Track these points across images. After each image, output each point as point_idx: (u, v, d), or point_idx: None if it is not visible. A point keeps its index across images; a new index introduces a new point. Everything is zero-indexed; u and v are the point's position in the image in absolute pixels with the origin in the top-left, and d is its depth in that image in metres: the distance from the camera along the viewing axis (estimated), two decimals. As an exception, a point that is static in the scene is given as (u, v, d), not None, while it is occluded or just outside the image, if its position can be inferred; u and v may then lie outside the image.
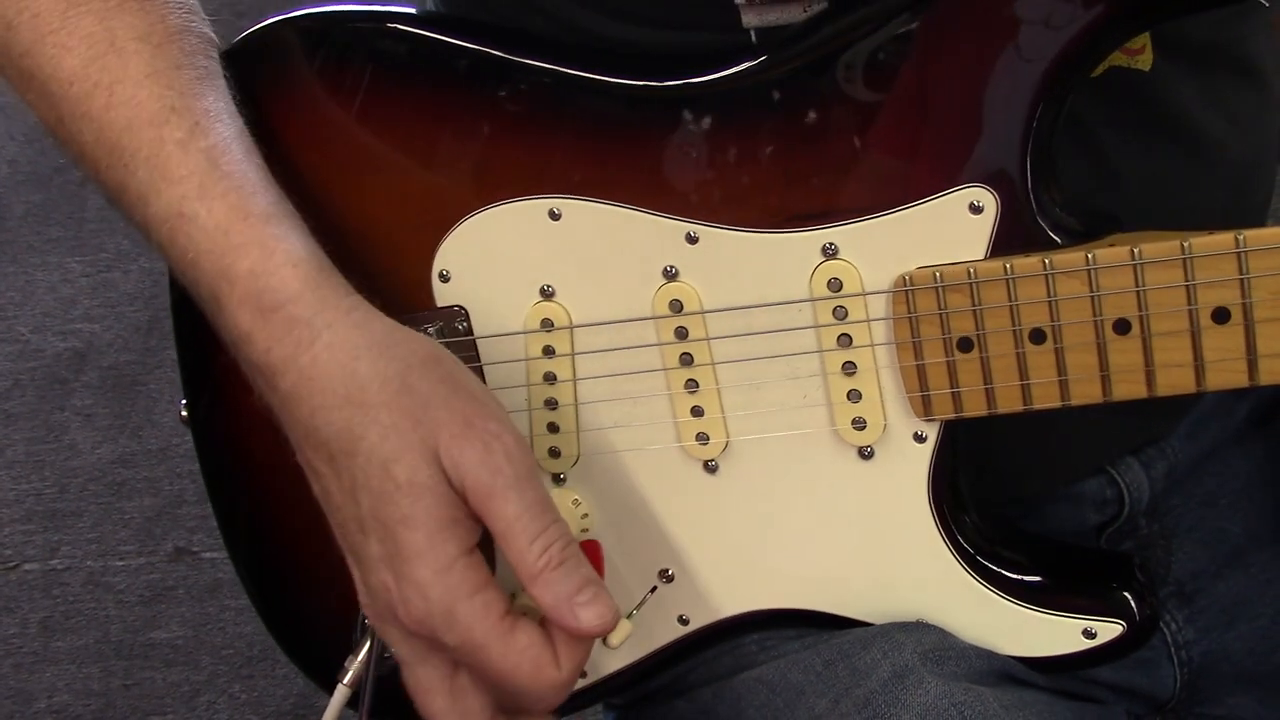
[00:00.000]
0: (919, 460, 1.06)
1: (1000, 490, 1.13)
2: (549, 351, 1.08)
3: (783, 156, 1.02)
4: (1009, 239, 1.00)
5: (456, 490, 0.94)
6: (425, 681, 0.98)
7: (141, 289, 3.16)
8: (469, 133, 1.07)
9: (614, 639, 1.07)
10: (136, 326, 3.08)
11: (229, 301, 0.97)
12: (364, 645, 1.08)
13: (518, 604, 0.97)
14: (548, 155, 1.05)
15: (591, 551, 1.06)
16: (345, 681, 1.09)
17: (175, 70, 1.01)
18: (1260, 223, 1.16)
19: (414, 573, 0.94)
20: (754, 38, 1.04)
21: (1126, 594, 1.07)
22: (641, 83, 1.04)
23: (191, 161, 0.98)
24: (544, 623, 0.96)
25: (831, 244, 1.02)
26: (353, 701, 1.09)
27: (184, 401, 1.20)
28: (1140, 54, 1.06)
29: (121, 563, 2.68)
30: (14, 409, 2.97)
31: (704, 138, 1.03)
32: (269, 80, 1.07)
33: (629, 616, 1.10)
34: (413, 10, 1.11)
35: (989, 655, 1.08)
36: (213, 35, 1.06)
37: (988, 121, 0.99)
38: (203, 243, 0.97)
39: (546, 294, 1.07)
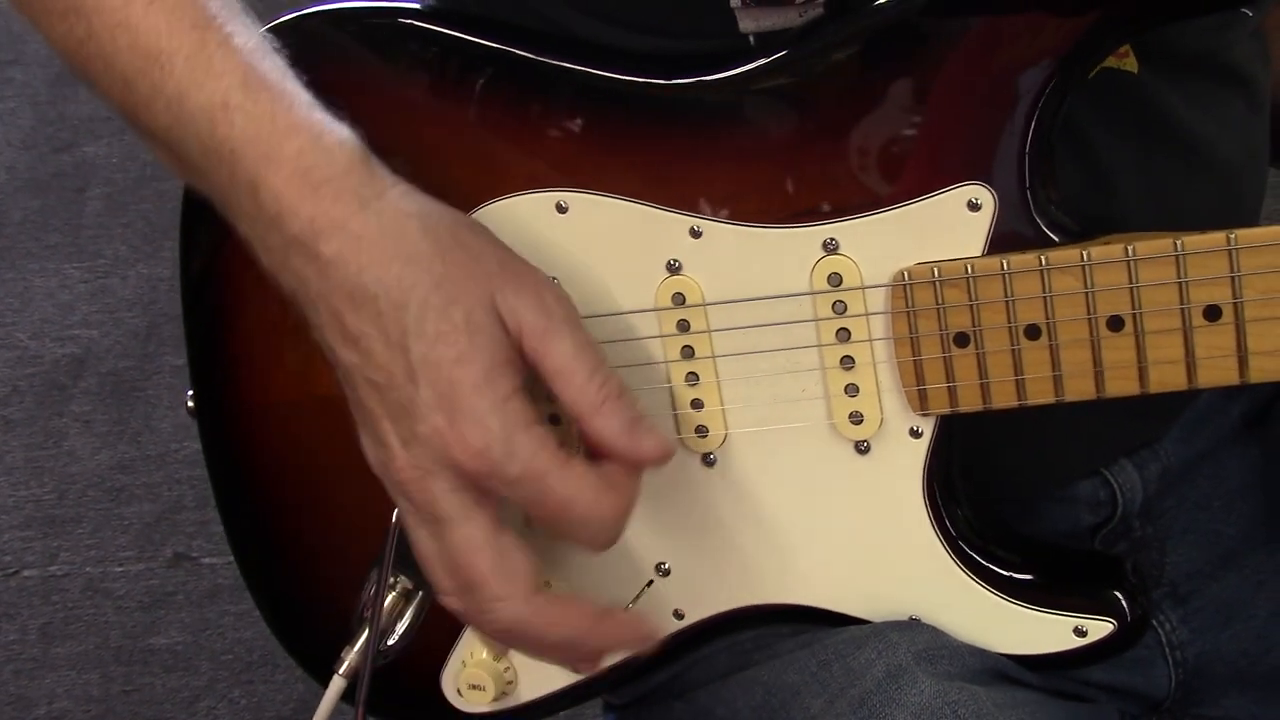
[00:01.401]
0: (915, 455, 1.07)
1: (995, 491, 1.13)
2: (553, 343, 1.09)
3: (785, 154, 1.03)
4: (1006, 236, 1.01)
5: (511, 334, 0.96)
6: (469, 538, 0.97)
7: (140, 295, 3.15)
8: (477, 128, 1.08)
9: None
10: (135, 332, 3.08)
11: (271, 182, 0.97)
12: (361, 635, 1.09)
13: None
14: (555, 150, 1.07)
15: None
16: (341, 672, 1.09)
17: None
18: (1252, 224, 1.17)
19: (473, 406, 0.94)
20: (753, 42, 1.05)
21: (1118, 593, 1.08)
22: (649, 80, 1.05)
23: (234, 58, 0.99)
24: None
25: (832, 239, 1.03)
26: (349, 694, 1.10)
27: (190, 393, 1.21)
28: (1126, 57, 1.08)
29: (121, 568, 2.67)
30: (12, 415, 2.97)
31: (709, 135, 1.04)
32: None
33: (627, 607, 1.11)
34: (423, 6, 1.12)
35: (982, 654, 1.09)
36: None
37: (986, 121, 1.00)
38: (248, 129, 0.97)
39: (552, 286, 1.08)
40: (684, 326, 1.07)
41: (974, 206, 1.01)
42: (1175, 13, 1.02)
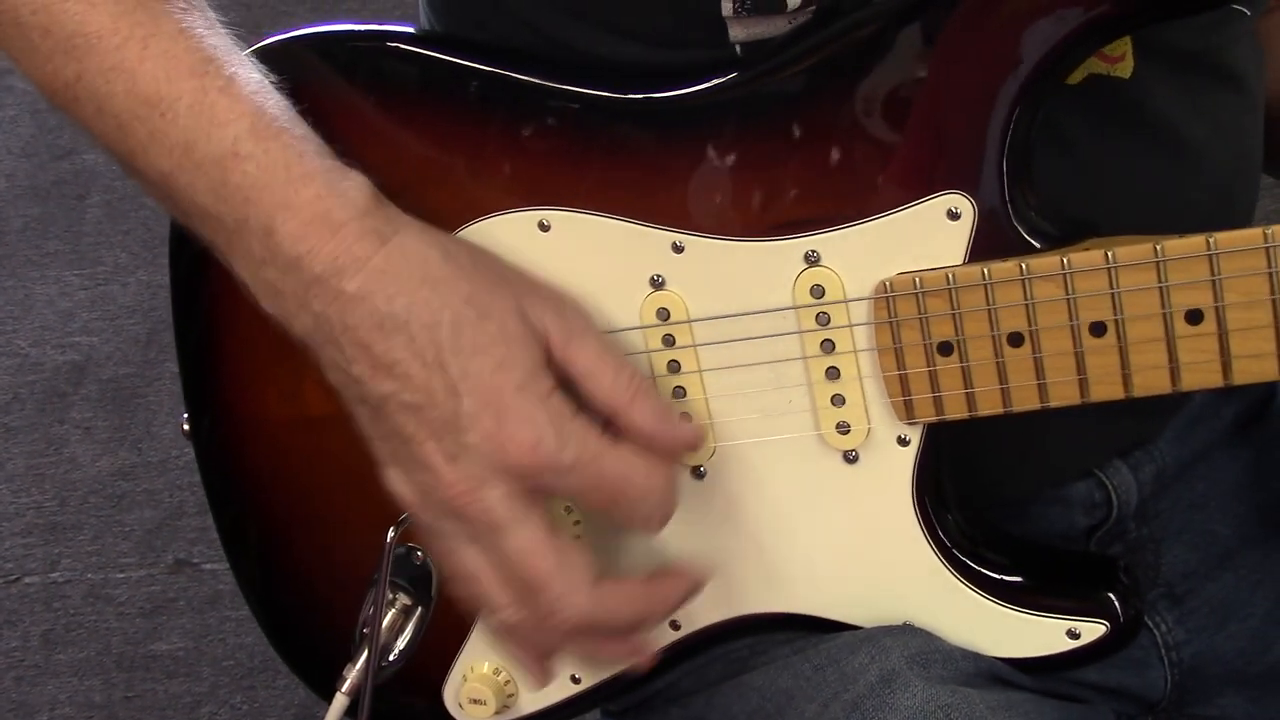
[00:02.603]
0: (903, 463, 1.07)
1: (988, 493, 1.13)
2: (539, 361, 1.09)
3: (765, 166, 1.04)
4: (987, 244, 1.01)
5: (541, 339, 0.99)
6: (529, 543, 0.98)
7: (140, 302, 3.15)
8: (460, 148, 1.08)
9: None
10: (135, 339, 3.08)
11: (289, 224, 0.98)
12: (363, 653, 1.09)
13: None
14: (537, 168, 1.07)
15: None
16: (344, 690, 1.10)
17: (206, 30, 1.02)
18: (1245, 227, 1.17)
19: (519, 405, 0.97)
20: (739, 51, 1.06)
21: (1110, 594, 1.08)
22: (626, 96, 1.05)
23: (240, 105, 0.99)
24: None
25: (814, 251, 1.03)
26: (351, 710, 1.11)
27: (185, 415, 1.21)
28: (1120, 62, 1.07)
29: (122, 575, 2.67)
30: (13, 423, 2.97)
31: (688, 149, 1.04)
32: None
33: None
34: (410, 29, 1.12)
35: (975, 657, 1.09)
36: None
37: (964, 129, 1.01)
38: (260, 178, 0.98)
39: (536, 304, 1.08)
40: (669, 341, 1.07)
41: (954, 215, 1.01)
42: (1154, 14, 1.02)
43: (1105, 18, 0.99)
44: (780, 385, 1.06)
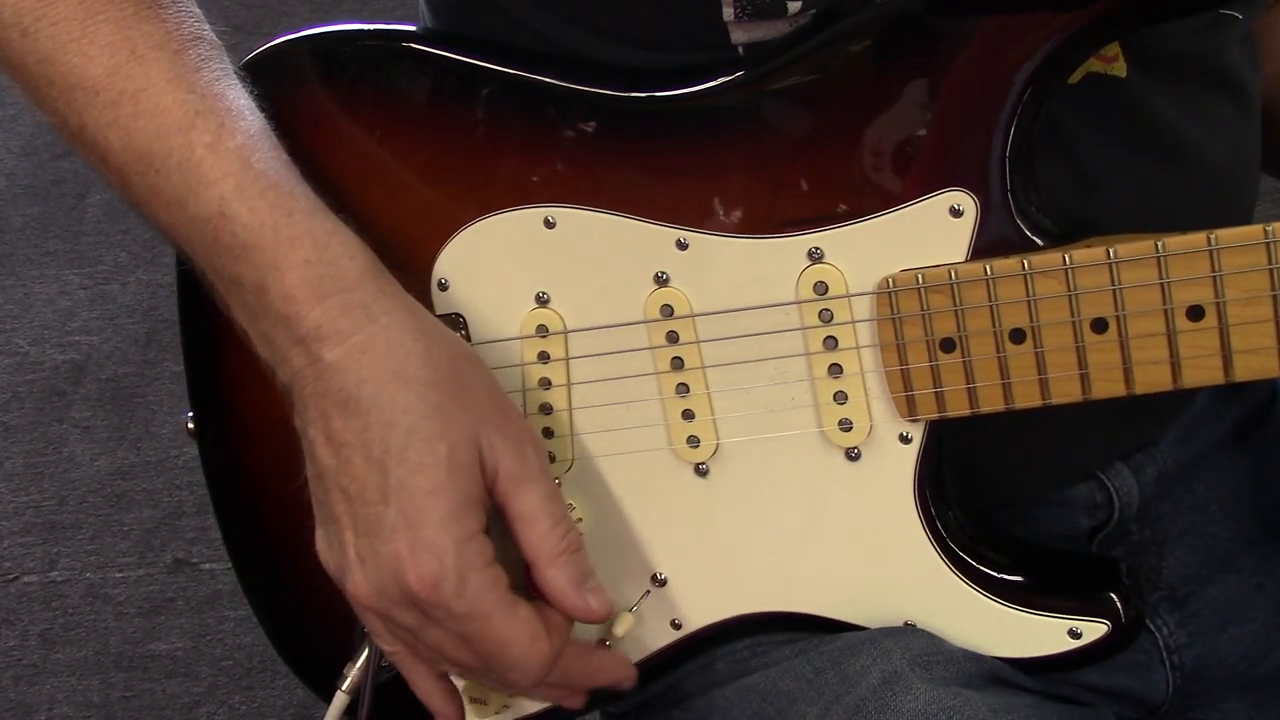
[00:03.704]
0: (905, 461, 1.07)
1: (990, 495, 1.14)
2: (544, 357, 1.10)
3: (769, 164, 1.04)
4: (989, 241, 1.02)
5: (487, 476, 0.99)
6: (443, 641, 1.01)
7: (140, 301, 3.15)
8: (466, 145, 1.09)
9: (618, 630, 1.10)
10: (135, 339, 3.08)
11: (279, 284, 0.99)
12: (362, 652, 1.09)
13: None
14: (542, 165, 1.07)
15: None
16: (343, 688, 1.10)
17: (195, 74, 1.03)
18: (1240, 227, 1.18)
19: (433, 538, 0.97)
20: (741, 53, 1.06)
21: (1112, 594, 1.08)
22: (632, 95, 1.06)
23: (224, 164, 1.00)
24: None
25: (817, 248, 1.04)
26: (351, 709, 1.11)
27: (189, 414, 1.21)
28: (1115, 61, 1.08)
29: (121, 574, 2.67)
30: (12, 421, 2.96)
31: (693, 147, 1.05)
32: (277, 96, 1.08)
33: (630, 610, 1.12)
34: (416, 28, 1.13)
35: (978, 659, 1.09)
36: (220, 43, 1.07)
37: (967, 127, 1.01)
38: (249, 239, 0.99)
39: (541, 300, 1.09)
40: (673, 338, 1.07)
41: (956, 212, 1.02)
42: (1154, 15, 1.02)
43: (1097, 20, 0.99)
44: (783, 382, 1.07)
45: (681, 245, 1.06)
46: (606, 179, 1.06)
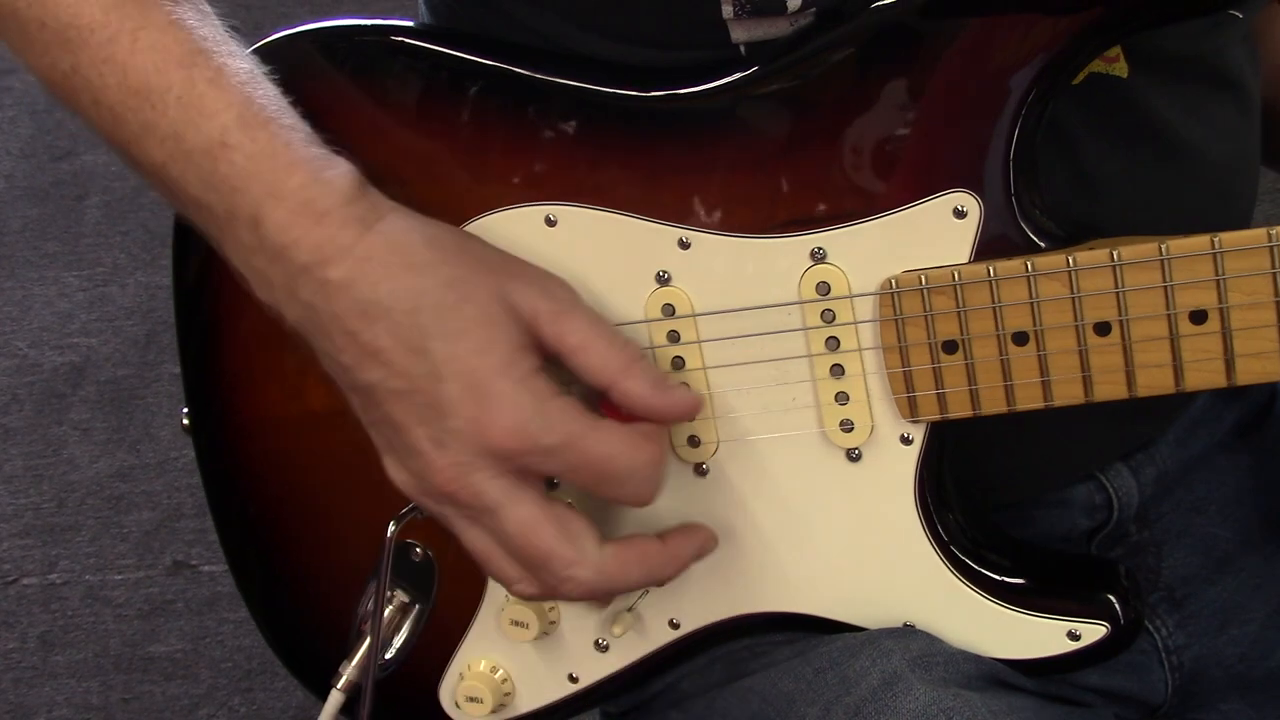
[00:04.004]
0: (906, 462, 1.07)
1: (990, 496, 1.14)
2: (545, 355, 1.09)
3: (772, 164, 1.04)
4: (992, 243, 1.02)
5: (527, 321, 0.99)
6: (527, 519, 0.99)
7: (139, 303, 3.15)
8: (465, 142, 1.09)
9: (616, 629, 1.10)
10: (134, 340, 3.08)
11: (275, 214, 0.99)
12: (360, 649, 1.09)
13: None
14: (543, 163, 1.07)
15: None
16: (339, 686, 1.10)
17: (198, 22, 1.03)
18: (1242, 229, 1.18)
19: (500, 388, 0.97)
20: (743, 51, 1.06)
21: (1111, 596, 1.08)
22: (635, 93, 1.06)
23: (228, 95, 1.00)
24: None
25: (820, 248, 1.04)
26: (348, 708, 1.10)
27: (185, 410, 1.21)
28: (1116, 61, 1.08)
29: (120, 577, 2.67)
30: (12, 424, 2.96)
31: (695, 146, 1.05)
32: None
33: (629, 609, 1.11)
34: (414, 24, 1.13)
35: (977, 660, 1.09)
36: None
37: (970, 128, 1.01)
38: (248, 167, 0.99)
39: (542, 299, 1.08)
40: (674, 337, 1.07)
41: (960, 214, 1.01)
42: (1160, 17, 1.02)
43: (1100, 22, 0.99)
44: (784, 382, 1.07)
45: (683, 244, 1.06)
46: (608, 177, 1.06)
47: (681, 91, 1.05)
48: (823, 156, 1.03)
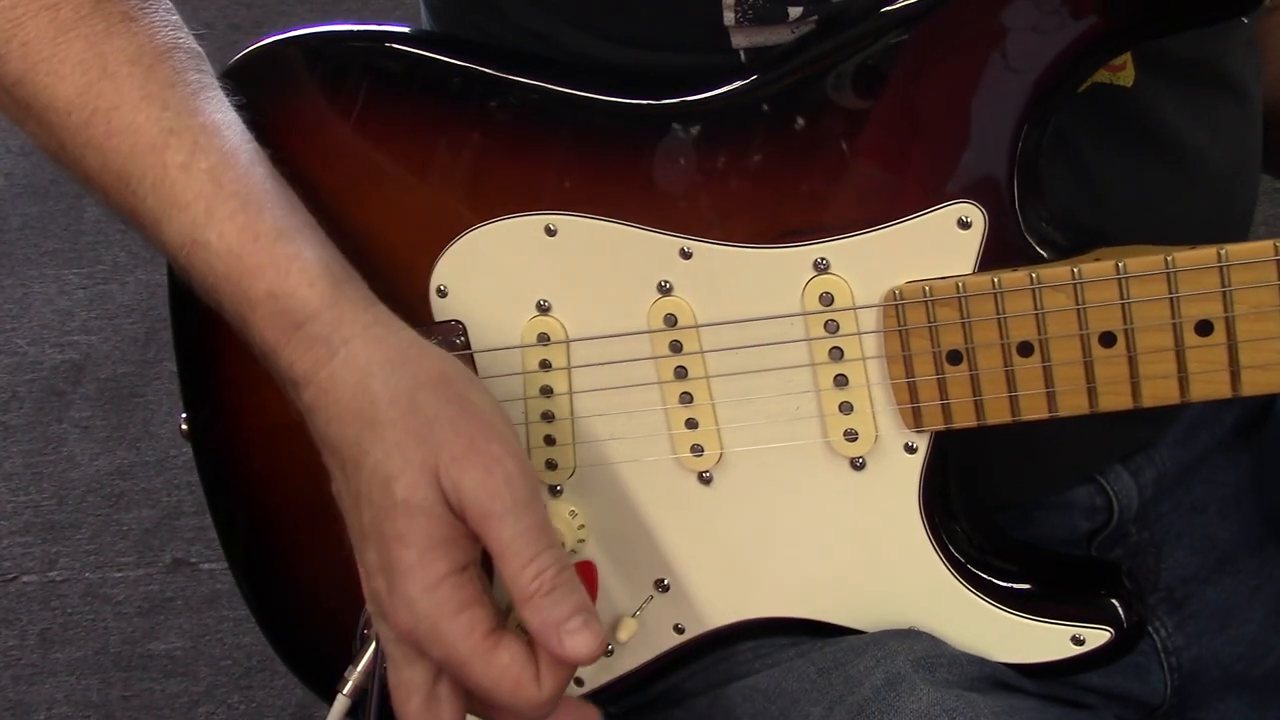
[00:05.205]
0: (910, 471, 1.07)
1: (990, 497, 1.14)
2: (545, 365, 1.09)
3: (775, 173, 1.04)
4: (996, 254, 1.02)
5: (455, 510, 0.96)
6: (407, 682, 0.99)
7: (139, 301, 3.15)
8: (466, 150, 1.08)
9: (621, 635, 1.10)
10: (134, 338, 3.08)
11: (253, 320, 0.99)
12: (365, 654, 1.09)
13: (512, 618, 0.99)
14: (544, 172, 1.07)
15: (586, 573, 1.07)
16: (345, 691, 1.09)
17: (169, 90, 1.02)
18: (1244, 234, 1.18)
19: (403, 587, 0.96)
20: (743, 58, 1.06)
21: (1114, 601, 1.08)
22: (636, 101, 1.05)
23: (196, 185, 1.00)
24: (532, 642, 0.97)
25: (823, 259, 1.03)
26: (352, 712, 1.10)
27: (184, 415, 1.21)
28: (1122, 70, 1.08)
29: (120, 574, 2.67)
30: (11, 421, 2.96)
31: (697, 155, 1.04)
32: (267, 98, 1.08)
33: (634, 616, 1.12)
34: (409, 30, 1.12)
35: (980, 662, 1.09)
36: (200, 50, 1.07)
37: (975, 139, 1.01)
38: (218, 267, 0.99)
39: (543, 308, 1.08)
40: (676, 347, 1.07)
41: (964, 224, 1.01)
42: (1170, 26, 1.02)
43: (1112, 30, 0.99)
44: (787, 392, 1.06)
45: (685, 254, 1.05)
46: (609, 187, 1.06)
47: (683, 100, 1.05)
48: (826, 166, 1.03)
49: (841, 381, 1.05)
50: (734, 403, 1.07)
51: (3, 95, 1.05)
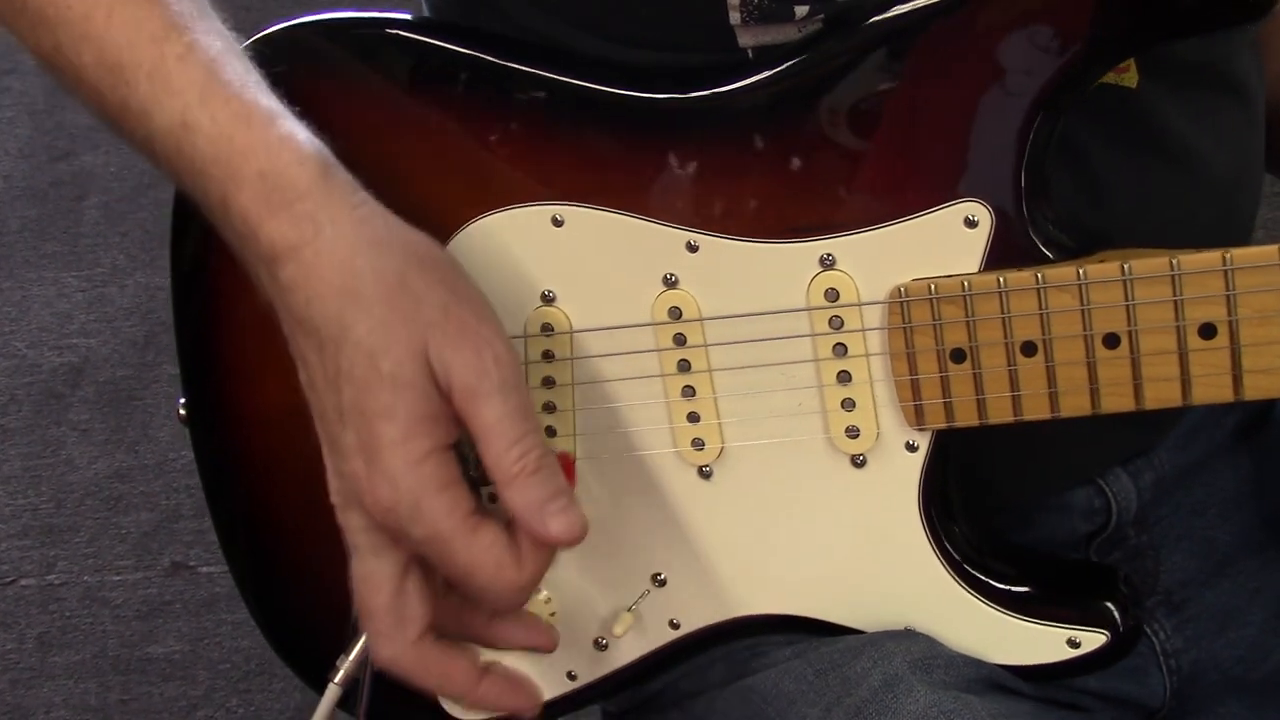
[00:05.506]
0: (910, 469, 1.07)
1: (989, 499, 1.14)
2: (548, 356, 1.09)
3: (782, 169, 1.04)
4: (1002, 253, 1.02)
5: (441, 389, 0.95)
6: (374, 575, 0.99)
7: (137, 303, 3.15)
8: (473, 139, 1.09)
9: (617, 629, 1.10)
10: (132, 341, 3.08)
11: (237, 202, 0.97)
12: (357, 643, 1.09)
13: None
14: (552, 163, 1.07)
15: (564, 463, 1.06)
16: (336, 680, 1.09)
17: (172, 1, 1.02)
18: (1247, 237, 1.18)
19: (386, 462, 0.95)
20: (751, 55, 1.06)
21: (1110, 604, 1.08)
22: (645, 95, 1.06)
23: (192, 72, 0.99)
24: (511, 527, 0.97)
25: (829, 255, 1.04)
26: (345, 702, 1.10)
27: (182, 400, 1.21)
28: (1126, 72, 1.08)
29: (118, 578, 2.67)
30: (10, 424, 2.97)
31: (705, 149, 1.05)
32: (271, 84, 1.08)
33: (630, 610, 1.12)
34: (416, 18, 1.13)
35: (977, 664, 1.09)
36: None
37: (983, 138, 1.01)
38: (208, 150, 0.98)
39: (548, 299, 1.08)
40: (680, 340, 1.07)
41: (971, 223, 1.02)
42: (1178, 30, 1.02)
43: (1113, 35, 1.00)
44: (790, 387, 1.07)
45: (691, 247, 1.06)
46: (616, 179, 1.06)
47: (692, 95, 1.05)
48: (834, 162, 1.03)
49: (845, 378, 1.05)
50: (736, 397, 1.08)
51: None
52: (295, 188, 0.97)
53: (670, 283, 1.06)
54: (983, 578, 1.09)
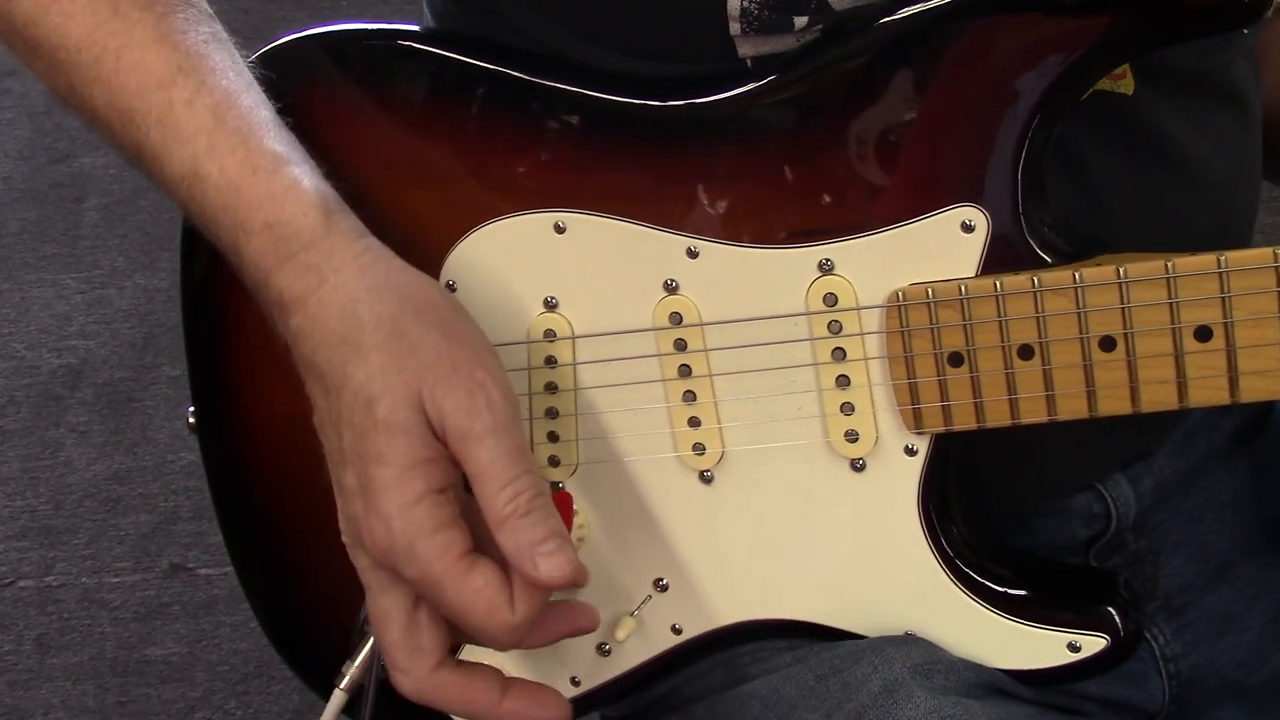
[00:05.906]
0: (910, 473, 1.08)
1: (988, 504, 1.14)
2: (551, 361, 1.10)
3: (781, 175, 1.04)
4: (999, 257, 1.02)
5: (437, 432, 0.96)
6: (385, 610, 1.00)
7: (136, 306, 3.15)
8: (476, 148, 1.09)
9: (619, 634, 1.10)
10: (131, 343, 3.08)
11: (247, 251, 1.00)
12: (362, 648, 1.09)
13: None
14: (553, 170, 1.08)
15: (562, 503, 1.06)
16: (342, 686, 1.10)
17: (180, 35, 1.03)
18: (1245, 242, 1.18)
19: (381, 505, 0.96)
20: (750, 65, 1.06)
21: (1110, 608, 1.09)
22: (646, 102, 1.06)
23: (198, 120, 1.00)
24: (506, 567, 0.97)
25: (827, 260, 1.04)
26: (349, 707, 1.11)
27: (190, 409, 1.21)
28: (1122, 79, 1.08)
29: (117, 579, 2.67)
30: (9, 426, 2.96)
31: (705, 156, 1.05)
32: (281, 96, 1.09)
33: (632, 615, 1.12)
34: (422, 29, 1.13)
35: (977, 669, 1.10)
36: (212, 12, 1.08)
37: (980, 143, 1.01)
38: (217, 199, 1.00)
39: (550, 305, 1.09)
40: (681, 345, 1.07)
41: (968, 228, 1.02)
42: (1173, 36, 1.03)
43: (1109, 41, 1.00)
44: (790, 391, 1.07)
45: (692, 253, 1.06)
46: (617, 186, 1.07)
47: (692, 102, 1.06)
48: (832, 168, 1.04)
49: (843, 382, 1.06)
50: (737, 402, 1.08)
51: (14, 36, 1.05)
52: (300, 238, 0.99)
53: (671, 288, 1.07)
54: (983, 582, 1.09)
